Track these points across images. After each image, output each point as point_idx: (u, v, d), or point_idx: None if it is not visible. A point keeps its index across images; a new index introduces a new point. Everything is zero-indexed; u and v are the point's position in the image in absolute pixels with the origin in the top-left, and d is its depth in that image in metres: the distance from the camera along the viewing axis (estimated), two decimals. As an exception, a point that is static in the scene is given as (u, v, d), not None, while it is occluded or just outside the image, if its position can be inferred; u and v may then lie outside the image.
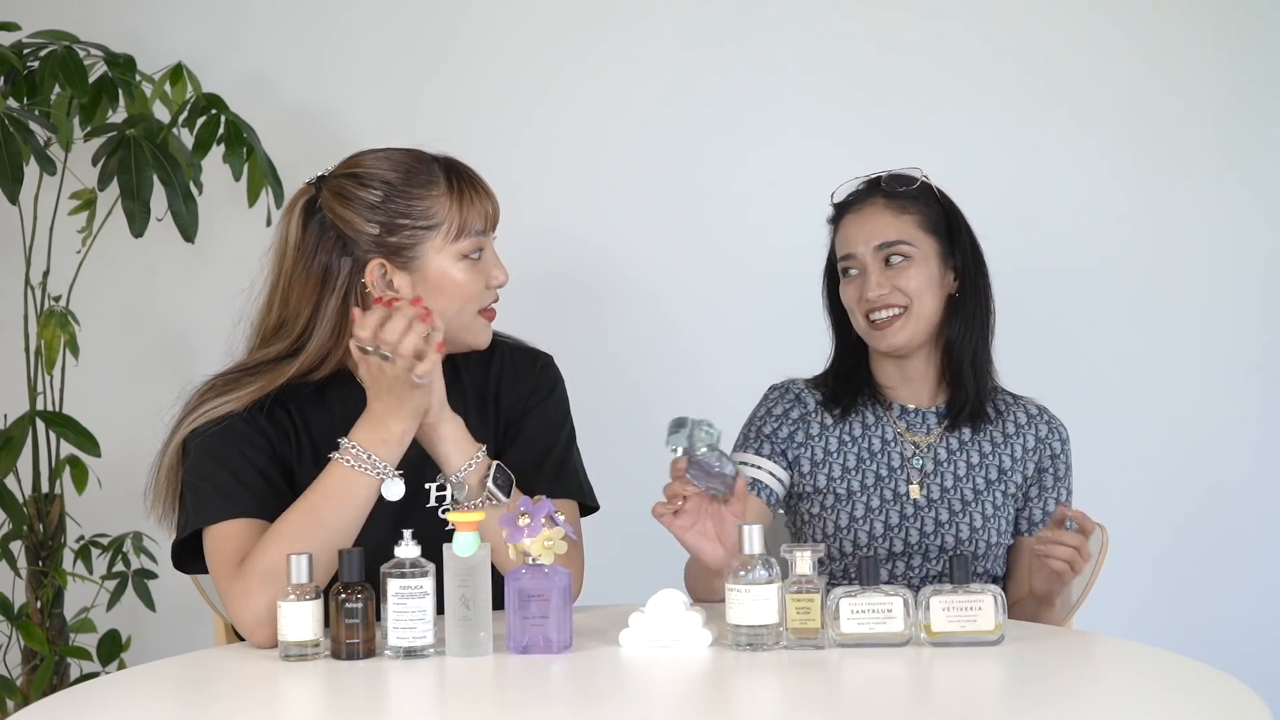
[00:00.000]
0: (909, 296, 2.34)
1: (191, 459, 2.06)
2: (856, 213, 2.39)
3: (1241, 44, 3.31)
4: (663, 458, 2.02)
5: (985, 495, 2.38)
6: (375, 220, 2.06)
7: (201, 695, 1.83)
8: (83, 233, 3.05)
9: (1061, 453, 2.43)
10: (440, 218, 2.07)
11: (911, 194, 2.38)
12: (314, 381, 2.11)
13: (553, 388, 2.23)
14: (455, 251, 2.08)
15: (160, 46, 3.24)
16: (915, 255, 2.35)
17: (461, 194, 2.09)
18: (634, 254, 3.33)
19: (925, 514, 2.35)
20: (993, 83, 3.31)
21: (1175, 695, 1.69)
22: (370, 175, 2.09)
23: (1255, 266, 3.30)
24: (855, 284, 2.38)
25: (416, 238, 2.07)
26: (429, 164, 2.10)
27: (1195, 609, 3.27)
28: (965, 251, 2.40)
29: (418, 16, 3.36)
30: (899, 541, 2.35)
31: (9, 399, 3.08)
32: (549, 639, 1.86)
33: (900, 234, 2.35)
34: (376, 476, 1.98)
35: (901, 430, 2.41)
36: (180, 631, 3.03)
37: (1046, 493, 2.42)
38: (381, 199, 2.07)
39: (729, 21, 3.33)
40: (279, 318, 2.11)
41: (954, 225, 2.40)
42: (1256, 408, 3.30)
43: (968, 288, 2.39)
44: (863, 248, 2.36)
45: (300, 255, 2.09)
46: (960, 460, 2.39)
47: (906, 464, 2.38)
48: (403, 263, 2.07)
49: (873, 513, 2.36)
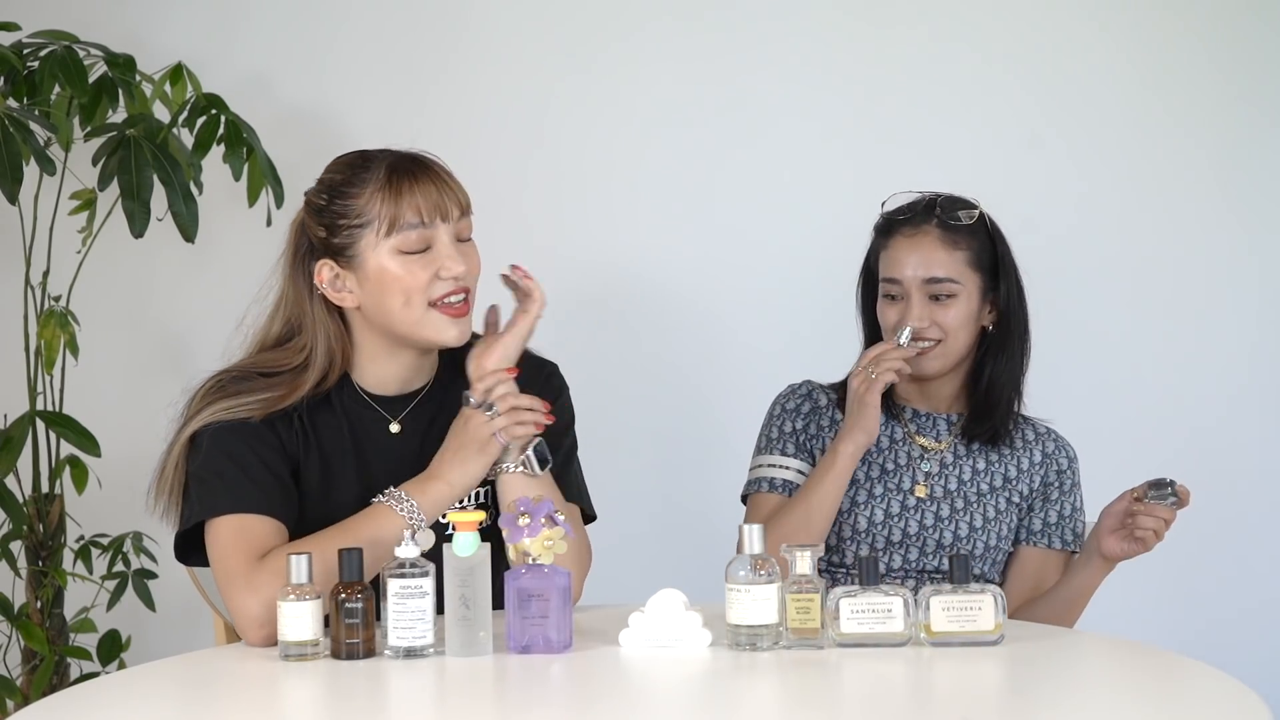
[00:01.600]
0: (946, 331, 2.35)
1: (202, 452, 2.06)
2: (909, 237, 2.37)
3: (1239, 48, 3.30)
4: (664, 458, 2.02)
5: (988, 499, 2.39)
6: (322, 224, 2.09)
7: (201, 695, 1.83)
8: (83, 233, 3.05)
9: (1068, 469, 2.44)
10: (371, 215, 2.07)
11: (967, 228, 2.38)
12: (324, 390, 2.12)
13: (557, 396, 2.23)
14: (390, 247, 2.07)
15: (160, 46, 3.24)
16: (959, 294, 2.36)
17: (395, 188, 2.07)
18: (643, 262, 3.33)
19: (926, 508, 2.37)
20: (1000, 89, 3.30)
21: (1175, 695, 1.69)
22: (321, 180, 2.13)
23: (1255, 271, 3.29)
24: (896, 308, 2.38)
25: (353, 236, 2.07)
26: (371, 161, 2.10)
27: (1195, 609, 3.27)
28: (1011, 290, 2.41)
29: (419, 16, 3.35)
30: (898, 530, 2.37)
31: (9, 399, 3.08)
32: (549, 639, 1.86)
33: (950, 271, 2.35)
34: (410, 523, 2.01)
35: (911, 432, 2.42)
36: (180, 631, 3.03)
37: (1050, 504, 2.43)
38: (326, 202, 2.09)
39: (739, 28, 3.32)
40: (283, 327, 2.13)
41: (1001, 262, 2.41)
42: (1256, 409, 3.30)
43: (1010, 326, 2.41)
44: (910, 274, 2.35)
45: (292, 267, 2.14)
46: (966, 465, 2.41)
47: (913, 464, 2.40)
48: (346, 262, 2.08)
49: (874, 499, 2.38)
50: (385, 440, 2.14)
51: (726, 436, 2.71)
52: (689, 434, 3.32)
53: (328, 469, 2.11)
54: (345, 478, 2.11)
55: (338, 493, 2.10)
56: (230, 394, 2.08)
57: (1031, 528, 2.42)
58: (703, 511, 3.11)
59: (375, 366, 2.14)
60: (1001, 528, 2.39)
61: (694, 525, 3.16)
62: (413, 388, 2.17)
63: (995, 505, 2.39)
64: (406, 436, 2.14)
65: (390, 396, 2.15)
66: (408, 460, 2.11)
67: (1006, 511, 2.40)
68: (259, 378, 2.09)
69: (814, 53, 3.33)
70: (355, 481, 2.11)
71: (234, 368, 2.12)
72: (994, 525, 2.38)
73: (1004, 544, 2.40)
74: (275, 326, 2.14)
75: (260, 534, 2.01)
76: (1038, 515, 2.42)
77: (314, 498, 2.10)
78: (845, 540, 2.38)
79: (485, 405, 2.06)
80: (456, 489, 2.06)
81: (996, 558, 2.40)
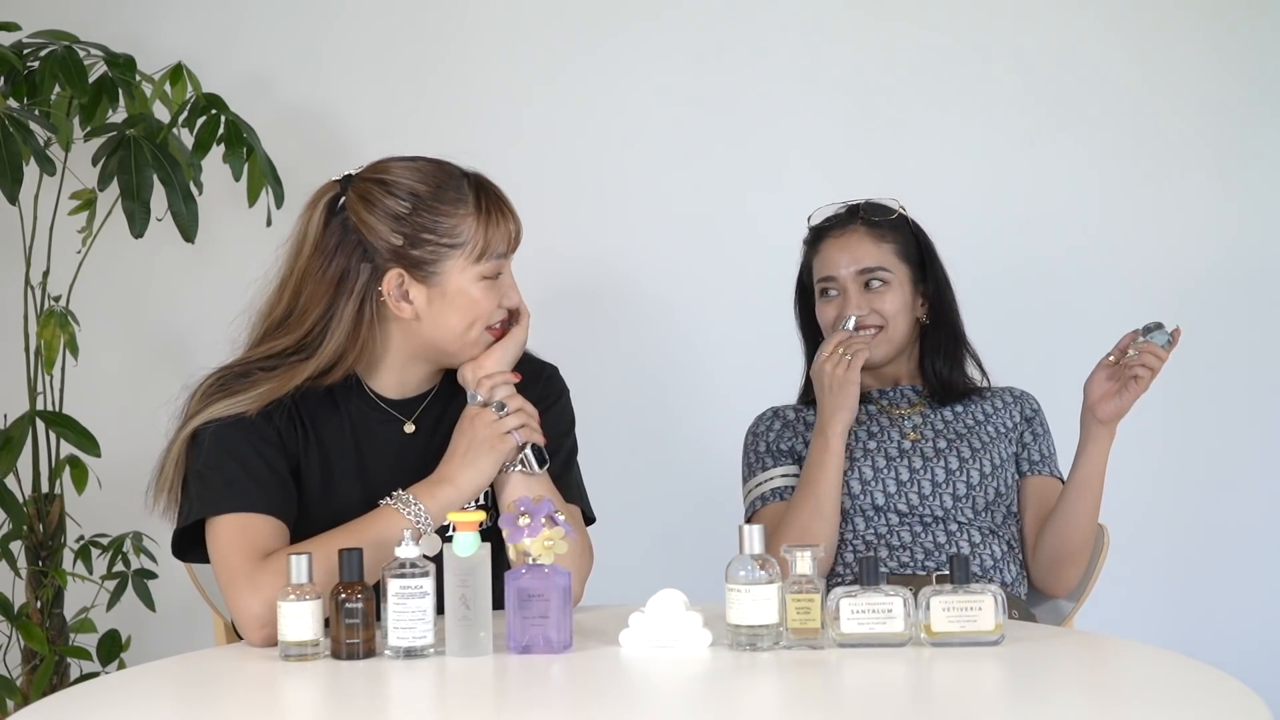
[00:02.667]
0: (885, 318, 2.49)
1: (203, 449, 2.05)
2: (837, 238, 2.52)
3: (1239, 44, 3.31)
4: (664, 459, 2.02)
5: (974, 432, 2.50)
6: (400, 231, 2.05)
7: (201, 695, 1.83)
8: (83, 233, 3.05)
9: (1038, 412, 2.56)
10: (466, 237, 2.06)
11: (890, 223, 2.52)
12: (325, 385, 2.11)
13: (558, 397, 2.23)
14: (476, 273, 2.07)
15: (160, 46, 3.24)
16: (892, 281, 2.50)
17: (489, 215, 2.07)
18: (637, 261, 3.33)
19: (935, 465, 2.45)
20: (994, 92, 3.31)
21: (1175, 695, 1.69)
22: (399, 184, 2.06)
23: (1253, 269, 3.29)
24: (835, 304, 2.51)
25: (439, 254, 2.05)
26: (459, 180, 2.08)
27: (1195, 609, 3.27)
28: (938, 280, 2.54)
29: (418, 17, 3.36)
30: (914, 495, 2.43)
31: (9, 399, 3.08)
32: (549, 639, 1.86)
33: (880, 260, 2.50)
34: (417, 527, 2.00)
35: (884, 405, 2.54)
36: (180, 631, 3.03)
37: (1039, 438, 2.54)
38: (409, 210, 2.05)
39: (734, 26, 3.32)
40: (287, 310, 2.09)
41: (926, 255, 2.55)
42: (1256, 409, 3.30)
43: (938, 316, 2.54)
44: (844, 271, 2.50)
45: (318, 253, 2.07)
46: (944, 413, 2.53)
47: (896, 423, 2.51)
48: (422, 276, 2.06)
49: (880, 472, 2.45)
50: (395, 440, 2.14)
51: (726, 436, 2.71)
52: (689, 434, 3.32)
53: (328, 467, 2.11)
54: (346, 477, 2.11)
55: (339, 492, 2.10)
56: (232, 391, 2.06)
57: (1032, 459, 2.53)
58: (703, 511, 3.11)
59: (394, 372, 2.14)
60: (993, 455, 2.47)
61: (694, 525, 3.16)
62: (422, 390, 2.17)
63: (980, 437, 2.49)
64: (417, 436, 2.15)
65: (399, 399, 2.15)
66: (414, 460, 2.11)
67: (994, 441, 2.49)
68: (259, 372, 2.08)
69: (809, 53, 3.33)
70: (356, 481, 2.11)
71: (235, 364, 2.11)
72: (983, 454, 2.46)
73: (1001, 471, 2.47)
74: (279, 308, 2.09)
75: (262, 533, 2.01)
76: (1033, 448, 2.53)
77: (315, 496, 2.09)
78: (867, 512, 2.44)
79: (496, 405, 2.07)
80: (465, 492, 2.05)
81: (1009, 501, 2.47)
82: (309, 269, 2.07)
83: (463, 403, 2.11)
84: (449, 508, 2.02)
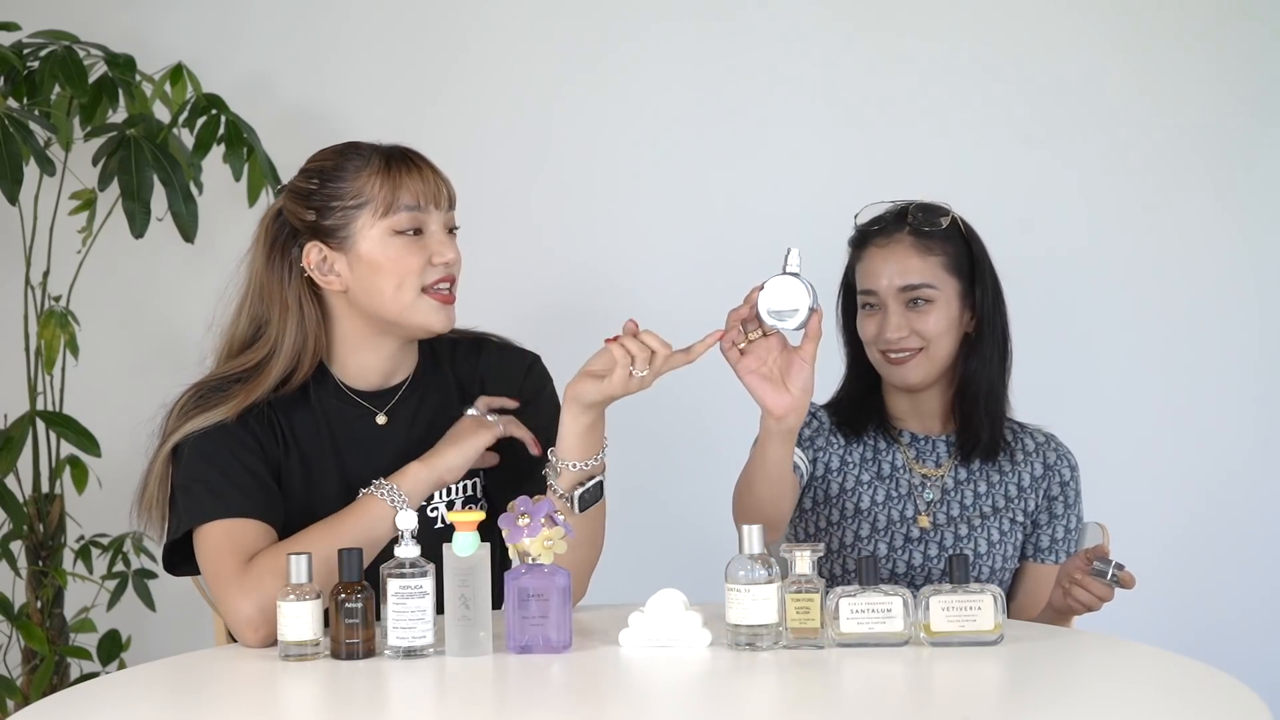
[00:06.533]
0: (926, 339, 2.33)
1: (184, 461, 2.06)
2: (882, 247, 2.35)
3: (1235, 49, 3.30)
4: (663, 459, 2.02)
5: (991, 521, 2.37)
6: (311, 206, 2.10)
7: (201, 695, 1.83)
8: (83, 233, 3.05)
9: (1071, 480, 2.41)
10: (370, 195, 2.08)
11: (941, 233, 2.35)
12: (298, 384, 2.12)
13: (542, 387, 2.24)
14: (386, 227, 2.08)
15: (160, 46, 3.24)
16: (937, 299, 2.33)
17: (392, 170, 2.10)
18: (636, 261, 3.33)
19: (930, 539, 2.35)
20: (995, 92, 3.30)
21: (1175, 695, 1.69)
22: (309, 167, 2.14)
23: (1252, 271, 3.29)
24: (875, 319, 2.35)
25: (348, 216, 2.09)
26: (368, 150, 2.13)
27: (1195, 609, 3.27)
28: (986, 292, 2.37)
29: (418, 16, 3.36)
30: (901, 564, 2.35)
31: (9, 399, 3.08)
32: (549, 639, 1.86)
33: (925, 277, 2.33)
34: (392, 506, 2.02)
35: (911, 459, 2.40)
36: (180, 631, 3.03)
37: (1056, 520, 2.40)
38: (317, 185, 2.11)
39: (733, 34, 3.32)
40: (251, 319, 2.14)
41: (977, 265, 2.37)
42: (1256, 410, 3.30)
43: (985, 328, 2.37)
44: (885, 284, 2.33)
45: (267, 257, 2.14)
46: (968, 489, 2.38)
47: (915, 492, 2.38)
48: (337, 244, 2.09)
49: (878, 533, 2.36)
50: (368, 433, 2.14)
51: (726, 436, 2.71)
52: (689, 434, 3.32)
53: (307, 469, 2.12)
54: (326, 476, 2.12)
55: (320, 492, 2.11)
56: (209, 405, 2.08)
57: (1039, 544, 2.40)
58: (703, 511, 3.11)
59: (356, 358, 2.15)
60: (1007, 548, 2.37)
61: (694, 525, 3.16)
62: (394, 380, 2.18)
63: (999, 527, 2.36)
64: (392, 428, 2.15)
65: (372, 391, 2.16)
66: (391, 452, 2.12)
67: (1011, 531, 2.37)
68: (233, 384, 2.10)
69: (808, 58, 3.32)
70: (336, 479, 2.12)
71: (210, 378, 2.13)
72: (999, 547, 2.36)
73: (1011, 563, 2.38)
74: (242, 323, 2.14)
75: (248, 537, 2.01)
76: (1044, 532, 2.40)
77: (297, 498, 2.10)
78: (851, 574, 2.37)
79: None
80: (437, 470, 2.07)
81: (1003, 578, 2.38)
82: (262, 275, 2.14)
83: (436, 391, 2.15)
84: (420, 485, 2.05)
